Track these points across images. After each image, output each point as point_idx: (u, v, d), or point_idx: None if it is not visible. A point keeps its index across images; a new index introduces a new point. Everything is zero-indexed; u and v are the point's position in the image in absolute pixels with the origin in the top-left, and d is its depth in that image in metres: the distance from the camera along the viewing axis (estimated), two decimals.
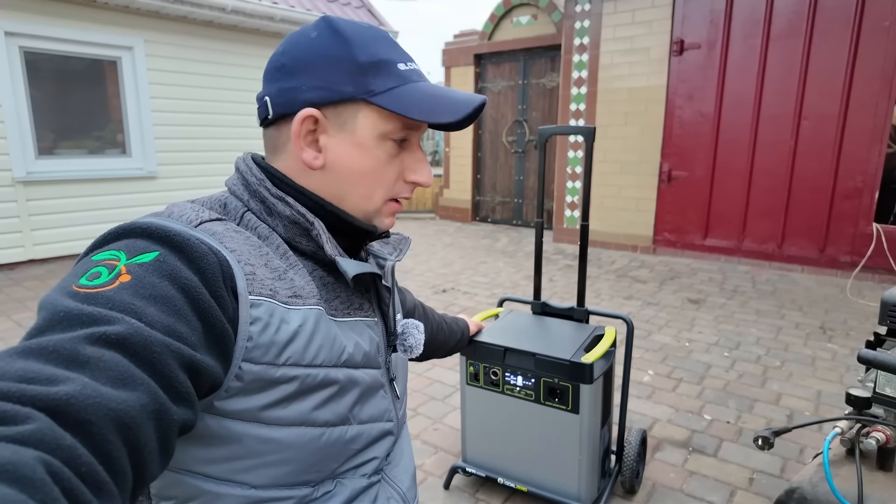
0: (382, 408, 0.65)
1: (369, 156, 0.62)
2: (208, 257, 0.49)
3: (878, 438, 1.10)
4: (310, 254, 0.61)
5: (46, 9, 4.60)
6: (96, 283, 0.44)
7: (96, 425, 0.34)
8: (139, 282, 0.44)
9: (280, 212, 0.59)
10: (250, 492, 0.55)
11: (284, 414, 0.55)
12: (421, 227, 7.32)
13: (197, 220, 0.54)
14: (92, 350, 0.38)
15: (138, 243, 0.48)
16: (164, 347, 0.42)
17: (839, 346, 3.10)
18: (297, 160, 0.61)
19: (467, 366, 1.75)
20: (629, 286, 4.37)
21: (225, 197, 0.62)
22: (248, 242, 0.55)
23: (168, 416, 0.40)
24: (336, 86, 0.59)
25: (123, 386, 0.38)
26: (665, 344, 3.15)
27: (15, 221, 4.65)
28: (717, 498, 1.81)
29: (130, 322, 0.41)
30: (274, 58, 0.61)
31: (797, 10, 4.51)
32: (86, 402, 0.34)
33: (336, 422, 0.59)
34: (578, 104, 5.83)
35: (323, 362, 0.57)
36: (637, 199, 5.55)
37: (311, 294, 0.57)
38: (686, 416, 2.34)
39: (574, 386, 1.56)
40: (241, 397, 0.51)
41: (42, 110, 4.75)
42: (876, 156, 4.33)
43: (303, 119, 0.58)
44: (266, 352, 0.52)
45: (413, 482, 0.73)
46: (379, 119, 0.61)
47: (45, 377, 0.35)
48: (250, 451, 0.54)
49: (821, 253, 4.66)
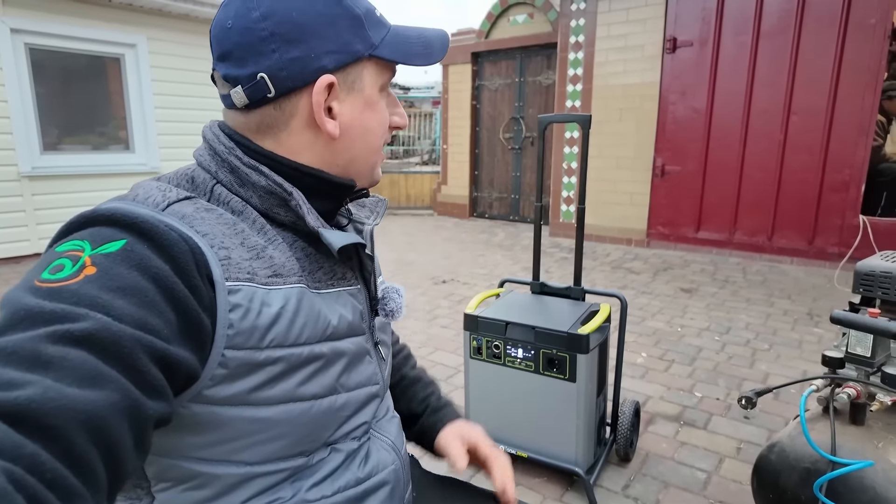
0: (369, 373, 0.64)
1: (376, 111, 0.61)
2: (179, 245, 0.46)
3: (849, 394, 1.20)
4: (289, 224, 0.58)
5: (51, 6, 4.68)
6: (59, 277, 0.41)
7: (61, 429, 0.33)
8: (105, 273, 0.42)
9: (254, 182, 0.56)
10: (246, 469, 0.54)
11: (272, 393, 0.53)
12: (419, 223, 7.42)
13: (164, 201, 0.51)
14: (55, 349, 0.36)
15: (103, 231, 0.45)
16: (134, 342, 0.40)
17: (825, 330, 3.22)
18: (302, 135, 0.57)
19: (471, 340, 1.85)
20: (623, 276, 4.49)
21: (192, 170, 0.58)
22: (221, 221, 0.52)
23: (142, 412, 0.39)
24: (347, 46, 0.55)
25: (91, 385, 0.36)
26: (658, 329, 3.26)
27: (21, 216, 4.72)
28: (706, 465, 1.92)
29: (97, 317, 0.39)
30: (246, 26, 0.53)
31: (786, 8, 4.64)
32: (48, 405, 0.33)
33: (324, 393, 0.58)
34: (574, 101, 5.94)
35: (307, 340, 0.55)
36: (631, 194, 5.67)
37: (292, 271, 0.55)
38: (678, 393, 2.45)
39: (571, 356, 1.66)
40: (226, 384, 0.50)
41: (47, 106, 4.82)
42: (862, 149, 4.46)
43: (325, 88, 0.55)
44: (249, 337, 0.50)
45: (399, 431, 0.72)
46: (379, 71, 0.59)
47: (4, 381, 0.33)
48: (241, 432, 0.53)
49: (809, 244, 4.78)
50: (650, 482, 1.83)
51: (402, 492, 0.70)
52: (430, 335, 3.14)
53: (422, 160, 10.87)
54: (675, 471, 1.89)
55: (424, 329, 3.27)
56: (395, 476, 0.67)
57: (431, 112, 11.69)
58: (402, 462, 0.70)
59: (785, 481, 1.22)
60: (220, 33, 0.55)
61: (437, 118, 11.12)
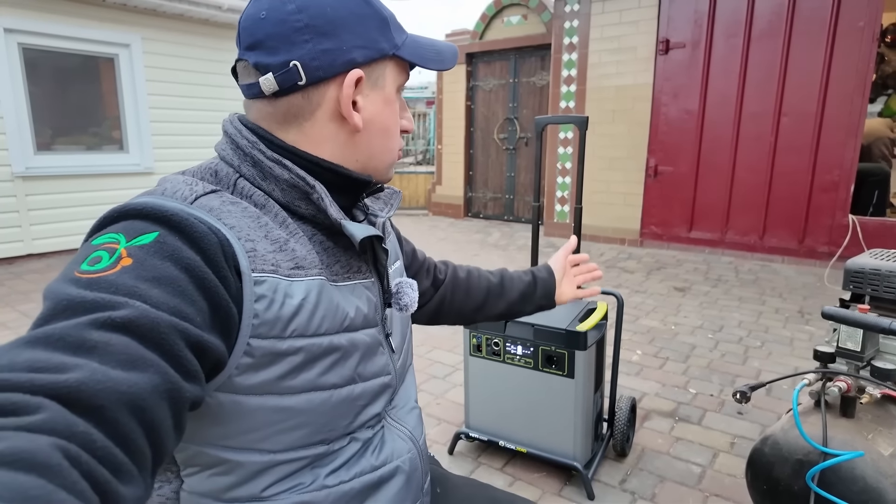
0: (382, 363, 0.66)
1: (393, 110, 0.63)
2: (208, 237, 0.48)
3: (840, 387, 1.24)
4: (309, 217, 0.60)
5: (45, 6, 4.65)
6: (98, 268, 0.43)
7: (109, 409, 0.35)
8: (141, 264, 0.44)
9: (277, 175, 0.57)
10: (269, 456, 0.57)
11: (294, 383, 0.55)
12: (414, 223, 7.44)
13: (192, 195, 0.52)
14: (99, 335, 0.38)
15: (136, 224, 0.47)
16: (171, 328, 0.42)
17: (816, 328, 3.27)
18: (326, 127, 0.59)
19: (470, 338, 1.88)
20: (618, 276, 4.54)
21: (215, 164, 0.60)
22: (247, 214, 0.54)
23: (180, 393, 0.41)
24: (375, 43, 0.58)
25: (134, 368, 0.38)
26: (652, 327, 3.30)
27: (14, 216, 4.69)
28: (701, 459, 1.96)
29: (136, 305, 0.41)
30: (281, 18, 0.55)
31: (777, 12, 4.71)
32: (96, 387, 0.35)
33: (343, 383, 0.60)
34: (568, 102, 5.99)
35: (327, 330, 0.57)
36: (625, 194, 5.72)
37: (313, 263, 0.57)
38: (672, 390, 2.50)
39: (570, 353, 1.70)
40: (251, 373, 0.52)
41: (40, 106, 4.80)
42: (851, 150, 4.53)
43: (355, 80, 0.57)
44: (272, 327, 0.52)
45: (419, 422, 0.74)
46: (398, 72, 0.63)
47: (54, 365, 0.35)
48: (265, 421, 0.55)
49: (800, 244, 4.86)
50: (647, 476, 1.86)
51: (420, 480, 0.72)
52: (429, 334, 3.16)
53: (416, 160, 10.89)
54: (671, 465, 1.92)
55: (422, 328, 3.29)
56: (410, 464, 0.69)
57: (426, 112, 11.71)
58: (419, 451, 0.72)
59: (778, 473, 1.26)
60: (253, 24, 0.56)
61: (430, 118, 11.14)
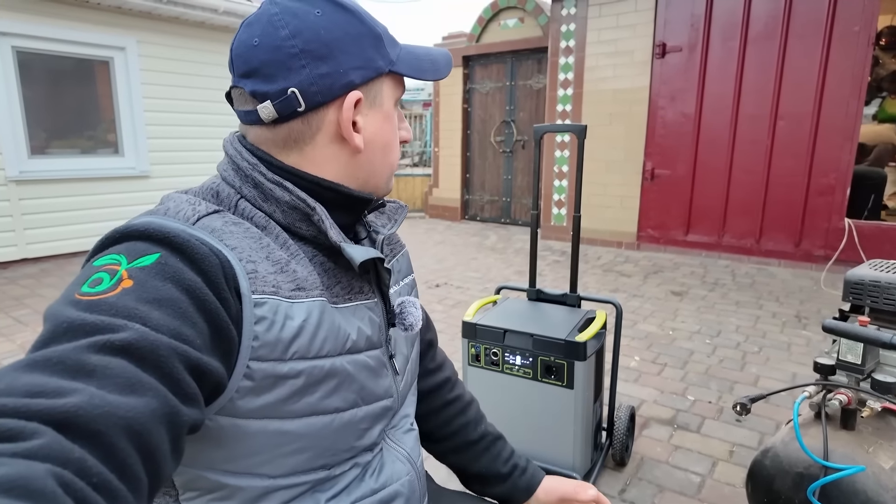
0: (385, 386, 0.65)
1: (392, 124, 0.63)
2: (210, 258, 0.48)
3: (840, 400, 1.23)
4: (310, 238, 0.60)
5: (39, 9, 4.62)
6: (98, 290, 0.43)
7: (106, 435, 0.34)
8: (141, 286, 0.44)
9: (278, 197, 0.57)
10: (269, 482, 0.56)
11: (296, 407, 0.55)
12: (411, 226, 7.42)
13: (194, 215, 0.52)
14: (97, 358, 0.38)
15: (138, 246, 0.47)
16: (170, 351, 0.41)
17: (813, 333, 3.28)
18: (327, 149, 0.59)
19: (469, 348, 1.87)
20: (615, 279, 4.54)
21: (217, 184, 0.59)
22: (248, 235, 0.54)
23: (178, 417, 0.40)
24: (371, 62, 0.58)
25: (132, 392, 0.37)
26: (650, 332, 3.30)
27: (8, 220, 4.66)
28: (700, 468, 1.95)
29: (135, 328, 0.40)
30: (275, 44, 0.54)
31: (773, 15, 4.72)
32: (94, 412, 0.34)
33: (346, 406, 0.59)
34: (565, 105, 5.99)
35: (328, 352, 0.56)
36: (622, 197, 5.72)
37: (314, 285, 0.56)
38: (671, 397, 2.49)
39: (569, 363, 1.69)
40: (252, 396, 0.51)
41: (35, 110, 4.76)
42: (847, 154, 4.54)
43: (354, 102, 0.57)
44: (273, 349, 0.52)
45: (416, 444, 0.73)
46: (394, 86, 0.62)
47: (52, 390, 0.34)
48: (265, 445, 0.54)
49: (796, 247, 4.87)
50: (646, 486, 1.86)
51: (418, 503, 0.71)
52: None
53: (413, 162, 10.88)
54: (670, 474, 1.92)
55: None
56: (409, 487, 0.69)
57: (422, 114, 11.70)
58: (417, 473, 0.71)
59: (779, 485, 1.25)
60: (246, 51, 0.56)
61: (427, 119, 11.13)
